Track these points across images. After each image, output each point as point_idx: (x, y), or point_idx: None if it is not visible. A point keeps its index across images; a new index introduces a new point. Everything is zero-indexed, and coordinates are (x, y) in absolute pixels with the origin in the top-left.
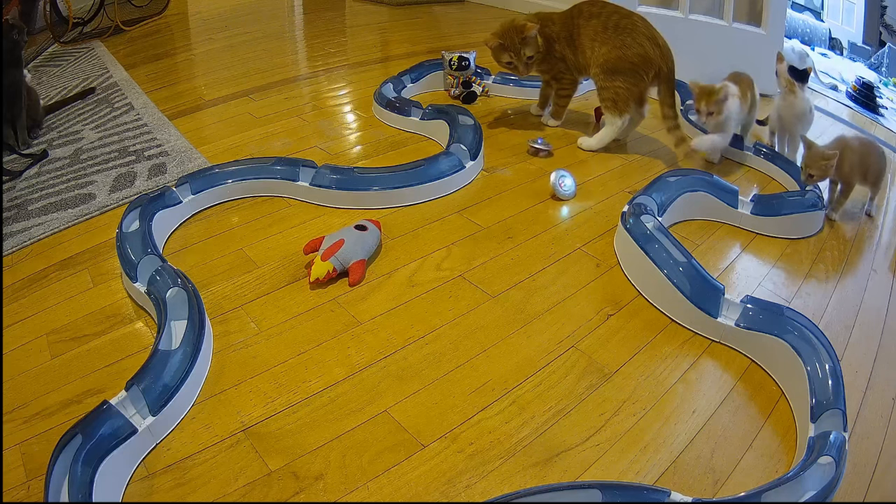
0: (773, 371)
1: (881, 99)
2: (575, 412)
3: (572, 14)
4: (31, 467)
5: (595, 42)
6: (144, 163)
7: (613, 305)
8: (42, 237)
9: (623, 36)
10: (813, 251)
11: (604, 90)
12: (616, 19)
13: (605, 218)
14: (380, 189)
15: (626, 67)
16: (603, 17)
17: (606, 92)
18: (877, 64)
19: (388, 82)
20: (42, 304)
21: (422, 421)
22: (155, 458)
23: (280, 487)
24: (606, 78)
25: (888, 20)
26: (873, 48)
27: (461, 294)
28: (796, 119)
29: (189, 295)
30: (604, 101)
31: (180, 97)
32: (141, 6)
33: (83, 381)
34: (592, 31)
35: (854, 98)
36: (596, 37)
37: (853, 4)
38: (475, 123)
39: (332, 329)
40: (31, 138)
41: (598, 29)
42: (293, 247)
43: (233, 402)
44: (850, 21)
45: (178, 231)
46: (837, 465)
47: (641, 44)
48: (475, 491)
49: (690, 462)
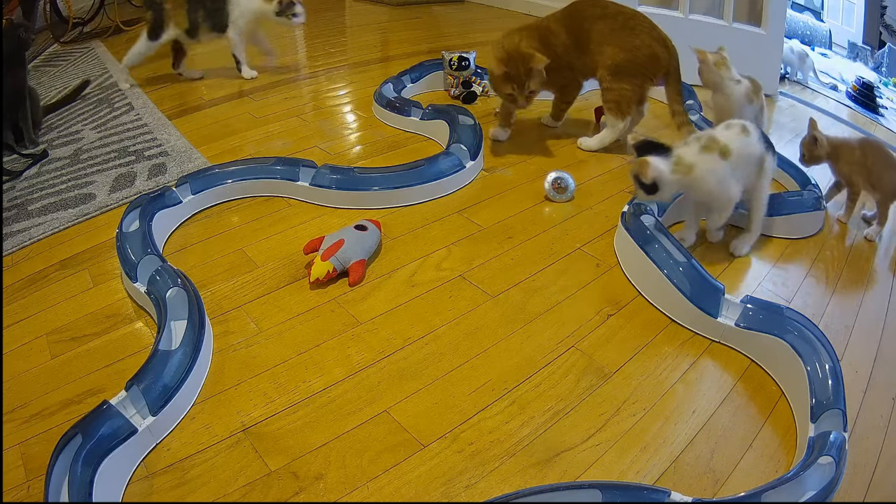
0: (773, 371)
1: (881, 99)
2: (575, 412)
3: (574, 17)
4: (31, 467)
5: (603, 44)
6: (144, 163)
7: (613, 305)
8: (42, 237)
9: (631, 37)
10: (813, 251)
11: (609, 91)
12: (622, 20)
13: (605, 218)
14: (380, 189)
15: (633, 69)
16: (609, 18)
17: (611, 94)
18: (877, 64)
19: (388, 82)
20: (42, 304)
21: (422, 421)
22: (155, 458)
23: (280, 487)
24: (613, 80)
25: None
26: (873, 48)
27: (461, 294)
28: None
29: (189, 295)
30: (607, 102)
31: (180, 97)
32: (141, 6)
33: (83, 381)
34: (599, 33)
35: (854, 98)
36: (603, 39)
37: (853, 4)
38: (475, 123)
39: (332, 329)
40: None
41: (606, 31)
42: (293, 247)
43: (233, 402)
44: (850, 21)
45: (178, 231)
46: (837, 465)
47: (650, 45)
48: (475, 491)
49: (690, 462)
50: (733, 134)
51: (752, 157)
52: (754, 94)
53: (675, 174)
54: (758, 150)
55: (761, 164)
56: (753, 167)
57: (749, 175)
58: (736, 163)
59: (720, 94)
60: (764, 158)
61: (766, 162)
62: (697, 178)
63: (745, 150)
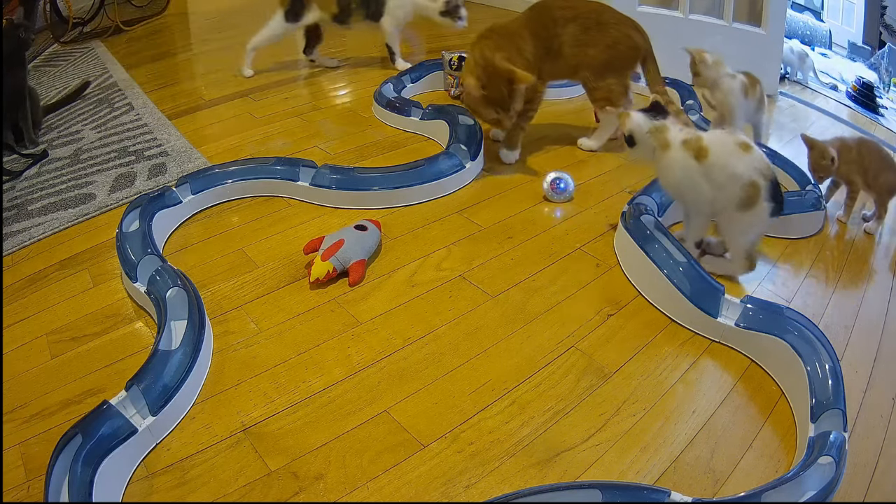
0: (773, 371)
1: (881, 99)
2: (575, 412)
3: (543, 20)
4: (31, 467)
5: (581, 47)
6: (144, 163)
7: (613, 305)
8: (42, 237)
9: (608, 33)
10: (813, 251)
11: (596, 91)
12: (595, 17)
13: (605, 218)
14: (380, 189)
15: (617, 63)
16: (580, 18)
17: (599, 92)
18: (877, 64)
19: (388, 82)
20: (42, 304)
21: (422, 421)
22: (155, 458)
23: (280, 487)
24: (597, 79)
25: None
26: (873, 48)
27: (461, 294)
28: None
29: (189, 295)
30: (597, 101)
31: (180, 97)
32: (141, 6)
33: (83, 381)
34: (573, 36)
35: (854, 98)
36: (580, 41)
37: (853, 4)
38: (475, 123)
39: (332, 329)
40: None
41: (579, 33)
42: (293, 247)
43: (233, 402)
44: (850, 21)
45: (178, 231)
46: (837, 465)
47: (628, 35)
48: (475, 491)
49: (690, 462)
50: (726, 143)
51: (734, 175)
52: (750, 88)
53: (649, 137)
54: (746, 175)
55: (750, 195)
56: (736, 189)
57: (730, 195)
58: (710, 171)
59: (718, 91)
60: (754, 191)
61: (759, 205)
62: (663, 163)
63: (726, 163)
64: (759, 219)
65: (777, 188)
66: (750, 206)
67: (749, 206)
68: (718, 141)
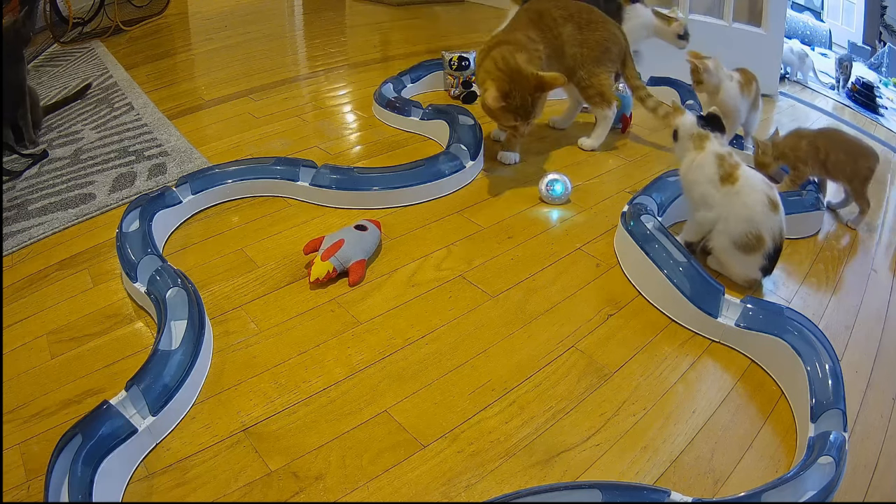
0: (773, 371)
1: (881, 99)
2: (575, 412)
3: (544, 21)
4: (31, 467)
5: (576, 46)
6: (144, 163)
7: (613, 305)
8: (42, 237)
9: (597, 32)
10: (813, 251)
11: (588, 88)
12: (586, 16)
13: (605, 218)
14: (380, 189)
15: (606, 59)
16: (573, 17)
17: (591, 89)
18: (877, 64)
19: (388, 82)
20: (42, 304)
21: (422, 421)
22: (155, 458)
23: (280, 487)
24: (589, 76)
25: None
26: (873, 48)
27: (461, 294)
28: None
29: (189, 295)
30: (590, 98)
31: (180, 97)
32: (141, 6)
33: (83, 381)
34: (570, 36)
35: (854, 98)
36: (576, 41)
37: (853, 4)
38: (475, 123)
39: (332, 329)
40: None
41: (575, 32)
42: (293, 247)
43: (233, 402)
44: (850, 21)
45: (178, 231)
46: (837, 465)
47: (614, 32)
48: (475, 491)
49: (690, 462)
50: (758, 189)
51: (749, 220)
52: (746, 86)
53: (688, 139)
54: (759, 227)
55: (751, 244)
56: (742, 229)
57: (733, 230)
58: (728, 197)
59: (722, 94)
60: (757, 244)
61: (753, 256)
62: (691, 165)
63: (747, 203)
64: (746, 265)
65: (777, 254)
66: (745, 251)
67: (744, 251)
68: (754, 181)
